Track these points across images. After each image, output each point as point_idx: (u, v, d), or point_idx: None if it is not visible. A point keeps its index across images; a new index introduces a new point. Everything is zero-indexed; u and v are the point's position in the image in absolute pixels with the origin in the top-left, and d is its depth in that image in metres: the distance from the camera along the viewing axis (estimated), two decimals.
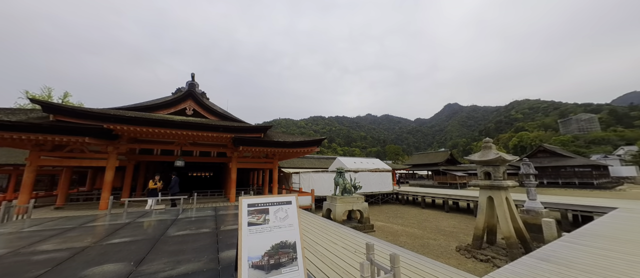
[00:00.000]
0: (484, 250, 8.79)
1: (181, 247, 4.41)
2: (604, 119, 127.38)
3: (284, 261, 3.01)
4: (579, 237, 6.19)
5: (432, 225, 13.46)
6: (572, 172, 38.11)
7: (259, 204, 3.20)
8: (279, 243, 3.08)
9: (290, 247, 3.11)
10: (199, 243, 4.54)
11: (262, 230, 3.05)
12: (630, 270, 4.14)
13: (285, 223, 3.22)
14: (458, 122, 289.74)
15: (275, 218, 3.19)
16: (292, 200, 3.40)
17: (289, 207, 3.34)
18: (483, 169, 9.42)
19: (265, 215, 3.18)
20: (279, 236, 3.11)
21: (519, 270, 4.23)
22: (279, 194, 3.69)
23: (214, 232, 5.37)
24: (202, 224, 6.13)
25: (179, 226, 5.91)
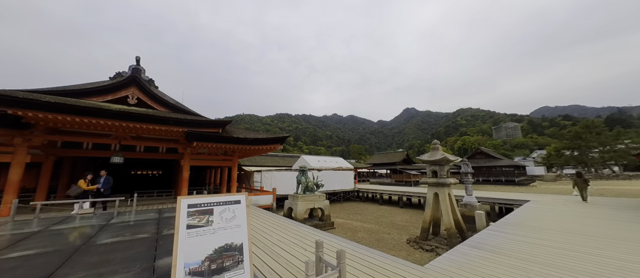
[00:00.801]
0: (429, 241, 9.72)
1: (108, 256, 3.78)
2: (524, 127, 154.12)
3: (229, 265, 2.79)
4: (502, 226, 7.27)
5: (388, 221, 14.39)
6: (500, 171, 45.09)
7: (201, 204, 2.90)
8: (223, 246, 2.84)
9: (237, 249, 2.89)
10: (131, 251, 3.95)
11: (203, 233, 2.77)
12: (539, 251, 5.00)
13: (232, 224, 2.98)
14: (415, 125, 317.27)
15: (220, 219, 2.94)
16: (241, 200, 3.18)
17: (237, 206, 3.11)
18: (431, 168, 10.40)
19: (208, 216, 2.90)
20: (224, 238, 2.87)
21: (454, 257, 4.74)
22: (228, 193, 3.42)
23: (154, 237, 4.76)
24: (141, 229, 5.39)
25: (109, 232, 5.08)
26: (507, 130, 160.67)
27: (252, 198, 12.76)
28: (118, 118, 8.13)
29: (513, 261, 4.51)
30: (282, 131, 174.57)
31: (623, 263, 4.31)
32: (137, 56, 11.61)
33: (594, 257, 4.68)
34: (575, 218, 8.41)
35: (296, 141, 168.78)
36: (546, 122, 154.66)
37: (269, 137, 12.61)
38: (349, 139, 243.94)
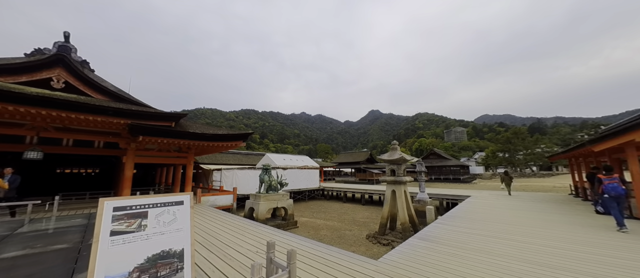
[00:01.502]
0: (386, 236, 10.32)
1: (7, 275, 3.05)
2: (469, 132, 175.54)
3: (165, 274, 2.47)
4: (447, 219, 8.08)
5: (350, 217, 14.87)
6: (449, 170, 50.55)
7: (131, 207, 2.51)
8: (159, 253, 2.50)
9: (176, 256, 2.59)
10: (42, 267, 3.26)
11: (133, 240, 2.40)
12: (474, 239, 5.65)
13: (172, 228, 2.66)
14: (379, 126, 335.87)
15: (156, 223, 2.59)
16: (184, 200, 2.86)
17: (179, 208, 2.79)
18: (390, 167, 11.05)
19: (141, 220, 2.53)
20: (161, 244, 2.54)
21: (404, 249, 5.07)
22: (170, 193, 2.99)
23: (76, 247, 4.02)
24: (59, 238, 4.51)
25: (13, 244, 4.13)
26: (456, 134, 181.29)
27: (209, 198, 11.88)
28: (34, 104, 6.69)
29: (452, 249, 5.02)
30: (247, 128, 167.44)
31: (540, 247, 5.14)
32: (66, 32, 9.75)
33: (517, 242, 5.49)
34: (504, 210, 9.84)
35: (262, 139, 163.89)
36: (486, 128, 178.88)
37: (231, 133, 11.88)
38: (317, 138, 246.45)
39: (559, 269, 4.00)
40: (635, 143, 7.35)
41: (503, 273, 3.88)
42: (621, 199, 6.78)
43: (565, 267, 4.08)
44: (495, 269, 4.03)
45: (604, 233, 6.15)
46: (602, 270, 3.96)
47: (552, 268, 4.02)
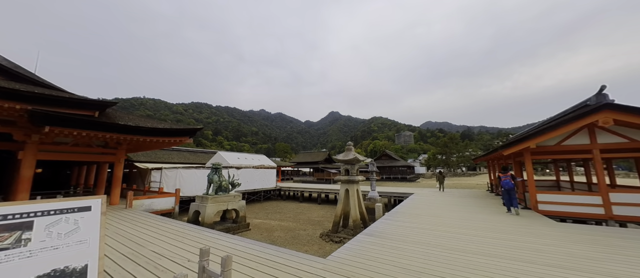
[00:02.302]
0: (339, 233, 10.65)
1: None
2: (416, 136, 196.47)
3: None
4: (392, 215, 8.78)
5: (305, 217, 14.90)
6: (397, 170, 55.55)
7: (7, 216, 1.92)
8: (49, 272, 1.98)
9: (76, 275, 2.09)
10: None
11: (5, 259, 1.84)
12: (413, 232, 6.24)
13: (71, 241, 2.14)
14: (338, 127, 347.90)
15: (46, 236, 2.04)
16: (92, 205, 2.34)
17: (83, 215, 2.26)
18: (344, 167, 11.45)
19: (21, 232, 1.95)
20: (52, 261, 2.01)
21: (352, 246, 5.26)
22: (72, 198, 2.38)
23: None
24: None
25: None
26: (405, 137, 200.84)
27: (144, 202, 10.31)
28: None
29: (395, 243, 5.45)
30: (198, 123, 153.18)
31: (463, 235, 5.97)
32: None
33: (447, 233, 6.27)
34: (439, 205, 11.24)
35: (216, 135, 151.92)
36: (429, 133, 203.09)
37: (175, 127, 10.57)
38: (276, 137, 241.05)
39: (477, 254, 4.71)
40: (530, 150, 9.28)
41: (435, 261, 4.36)
42: (511, 191, 8.85)
43: (481, 252, 4.83)
44: (429, 258, 4.51)
45: (506, 219, 7.56)
46: (503, 251, 4.82)
47: (471, 254, 4.71)
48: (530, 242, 5.44)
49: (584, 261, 4.29)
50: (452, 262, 4.33)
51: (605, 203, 7.97)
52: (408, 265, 4.20)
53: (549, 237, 5.81)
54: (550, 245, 5.16)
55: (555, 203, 8.81)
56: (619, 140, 8.23)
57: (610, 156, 9.31)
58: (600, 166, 8.61)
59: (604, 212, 7.96)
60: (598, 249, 4.90)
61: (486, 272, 3.86)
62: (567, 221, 8.23)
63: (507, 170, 9.27)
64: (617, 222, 7.83)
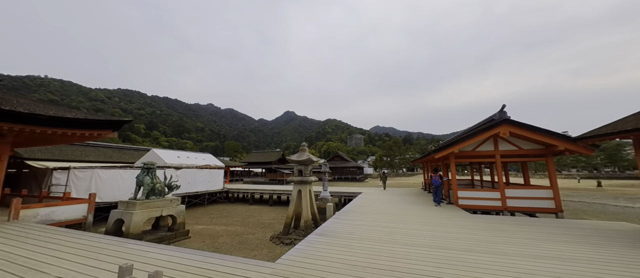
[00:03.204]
0: (290, 235, 10.50)
1: None
2: (366, 139, 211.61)
3: None
4: (342, 214, 9.14)
5: (255, 220, 14.21)
6: (349, 170, 58.63)
7: None
8: None
9: None
10: None
11: None
12: (360, 229, 6.59)
13: None
14: (293, 127, 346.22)
15: None
16: None
17: None
18: (298, 167, 11.38)
19: None
20: None
21: (302, 247, 5.22)
22: None
23: None
24: None
25: None
26: (356, 140, 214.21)
27: (39, 211, 8.04)
28: None
29: (344, 240, 5.65)
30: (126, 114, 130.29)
31: (402, 229, 6.62)
32: None
33: (389, 228, 6.86)
34: (382, 202, 12.28)
35: (150, 130, 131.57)
36: (377, 136, 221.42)
37: (90, 118, 8.56)
38: (226, 134, 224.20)
39: (412, 245, 5.27)
40: (454, 155, 11.04)
41: (378, 255, 4.68)
42: (438, 189, 10.66)
43: (415, 243, 5.42)
44: (374, 253, 4.82)
45: (434, 213, 8.79)
46: (432, 241, 5.56)
47: (408, 246, 5.25)
48: (451, 231, 6.43)
49: (486, 244, 5.30)
50: (392, 254, 4.74)
51: (502, 198, 10.09)
52: (355, 261, 4.40)
53: (464, 226, 7.00)
54: (465, 233, 6.21)
55: (470, 199, 10.70)
56: (512, 148, 10.57)
57: (507, 160, 11.88)
58: (500, 168, 10.89)
59: (501, 205, 10.07)
60: (496, 234, 6.14)
61: (419, 261, 4.36)
62: (477, 213, 10.08)
63: (437, 171, 10.88)
64: (509, 211, 10.02)
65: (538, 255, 4.65)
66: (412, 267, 4.14)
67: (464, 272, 3.88)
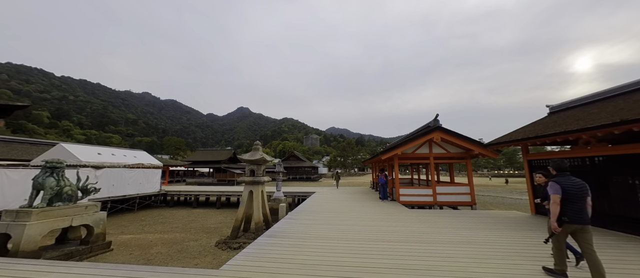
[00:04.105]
0: (239, 239, 9.89)
1: None
2: (321, 139, 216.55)
3: None
4: (294, 214, 9.10)
5: (199, 225, 12.90)
6: (304, 170, 59.00)
7: None
8: None
9: None
10: None
11: None
12: (312, 229, 6.66)
13: None
14: (247, 125, 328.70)
15: None
16: None
17: None
18: (250, 167, 10.83)
19: None
20: None
21: (251, 250, 4.97)
22: None
23: None
24: None
25: None
26: (312, 140, 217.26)
27: None
28: None
29: (296, 240, 5.62)
30: (20, 97, 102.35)
31: (351, 226, 6.97)
32: None
33: (340, 225, 7.13)
34: (334, 201, 12.74)
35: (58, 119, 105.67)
36: (332, 137, 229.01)
37: None
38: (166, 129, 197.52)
39: (359, 240, 5.60)
40: (397, 156, 12.28)
41: (329, 252, 4.80)
42: (384, 187, 12.03)
43: (362, 238, 5.78)
44: (324, 250, 4.92)
45: (380, 209, 9.60)
46: (376, 235, 6.04)
47: (355, 241, 5.55)
48: (392, 225, 7.12)
49: (419, 235, 6.06)
50: (342, 250, 4.95)
51: (433, 194, 11.72)
52: (306, 260, 4.42)
53: (403, 220, 7.85)
54: (404, 226, 6.96)
55: (409, 195, 12.07)
56: (443, 151, 12.38)
57: (438, 162, 13.85)
58: (433, 168, 12.63)
59: (432, 200, 11.69)
60: (427, 226, 7.08)
61: (364, 254, 4.67)
62: (415, 208, 11.45)
63: (383, 170, 11.92)
64: (439, 206, 11.71)
65: (457, 241, 5.55)
66: (357, 260, 4.40)
67: (400, 261, 4.33)
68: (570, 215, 3.39)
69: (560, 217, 3.43)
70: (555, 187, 3.49)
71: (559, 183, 3.48)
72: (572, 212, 3.38)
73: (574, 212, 3.37)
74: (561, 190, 3.44)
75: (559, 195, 3.43)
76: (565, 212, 3.42)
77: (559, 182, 3.50)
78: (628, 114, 5.30)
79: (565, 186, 3.44)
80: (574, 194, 3.40)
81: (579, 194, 3.40)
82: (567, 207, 3.42)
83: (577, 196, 3.39)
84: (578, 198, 3.39)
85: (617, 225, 6.23)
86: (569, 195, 3.41)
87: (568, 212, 3.40)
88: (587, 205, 3.42)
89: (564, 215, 3.42)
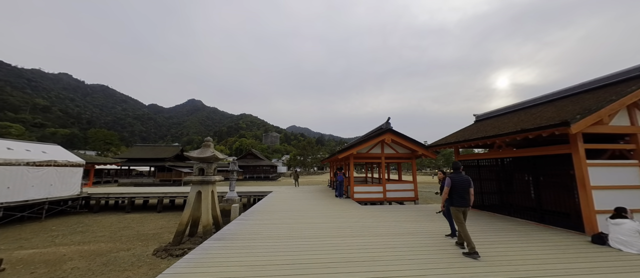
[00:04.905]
0: (183, 245, 8.93)
1: None
2: (282, 138, 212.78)
3: None
4: (248, 214, 8.69)
5: (133, 232, 11.21)
6: (262, 169, 57.03)
7: None
8: None
9: None
10: None
11: None
12: (265, 229, 6.43)
13: None
14: (199, 119, 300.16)
15: None
16: None
17: None
18: (199, 165, 9.89)
19: None
20: None
21: (194, 256, 4.54)
22: None
23: None
24: None
25: None
26: (272, 138, 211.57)
27: None
28: None
29: (246, 242, 5.35)
30: None
31: (307, 225, 6.98)
32: None
33: (295, 223, 7.07)
34: (292, 199, 12.64)
35: None
36: (293, 136, 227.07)
37: None
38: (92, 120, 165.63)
39: (312, 238, 5.66)
40: (353, 155, 12.89)
41: (280, 251, 4.71)
42: (341, 184, 12.61)
43: (316, 235, 5.86)
44: (276, 250, 4.81)
45: (335, 206, 9.93)
46: (329, 231, 6.22)
47: (309, 238, 5.59)
48: (345, 221, 7.43)
49: (368, 229, 6.48)
50: (294, 248, 4.92)
51: (383, 191, 12.70)
52: (255, 261, 4.24)
53: (355, 216, 8.28)
54: (355, 222, 7.34)
55: (362, 193, 12.80)
56: (392, 152, 13.51)
57: (389, 161, 15.07)
58: (384, 167, 13.69)
59: (382, 196, 12.66)
60: (376, 220, 7.62)
61: (316, 250, 4.74)
62: (367, 204, 12.20)
63: (341, 169, 12.36)
64: (388, 201, 12.75)
65: (399, 232, 6.11)
66: (309, 257, 4.43)
67: (348, 254, 4.54)
68: (456, 201, 4.56)
69: (450, 201, 4.71)
70: (448, 181, 4.69)
71: (451, 178, 4.65)
72: (458, 198, 4.55)
73: (458, 199, 4.55)
74: (451, 183, 4.62)
75: (449, 187, 4.65)
76: (453, 199, 4.61)
77: (451, 178, 4.65)
78: (526, 124, 6.67)
79: (454, 180, 4.60)
80: (460, 186, 4.55)
81: (463, 186, 4.54)
82: (454, 195, 4.59)
83: (462, 188, 4.54)
84: (462, 189, 4.53)
85: (517, 213, 7.80)
86: (456, 186, 4.57)
87: (455, 198, 4.57)
88: (469, 194, 4.51)
89: (452, 201, 4.64)
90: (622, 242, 4.60)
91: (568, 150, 6.02)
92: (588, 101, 6.36)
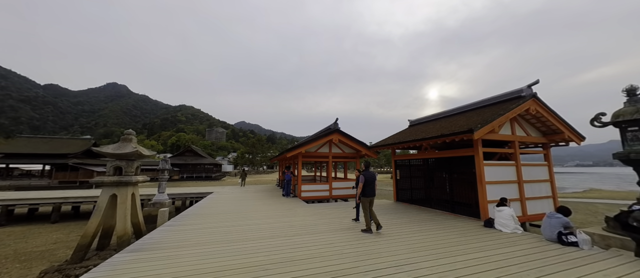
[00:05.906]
0: (87, 261, 7.21)
1: None
2: (229, 134, 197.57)
3: None
4: (178, 219, 7.64)
5: (9, 251, 8.47)
6: (203, 168, 51.68)
7: None
8: None
9: None
10: None
11: None
12: (197, 235, 5.73)
13: None
14: (121, 107, 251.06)
15: None
16: None
17: None
18: (115, 164, 8.16)
19: None
20: None
21: (97, 274, 3.66)
22: None
23: None
24: None
25: None
26: (217, 133, 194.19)
27: None
28: None
29: (170, 251, 4.64)
30: None
31: (246, 226, 6.54)
32: None
33: (231, 226, 6.54)
34: (235, 200, 11.77)
35: None
36: (242, 133, 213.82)
37: None
38: None
39: (251, 240, 5.32)
40: (301, 154, 12.90)
41: (209, 258, 4.24)
42: (289, 183, 12.66)
43: (254, 237, 5.54)
44: (208, 257, 4.31)
45: (281, 205, 9.72)
46: (271, 232, 6.00)
47: (246, 241, 5.24)
48: (289, 220, 7.33)
49: (310, 227, 6.55)
50: (229, 253, 4.52)
51: (330, 189, 13.16)
52: (179, 272, 3.71)
53: (300, 214, 8.28)
54: (299, 220, 7.32)
55: (309, 191, 12.95)
56: (339, 151, 14.12)
57: (336, 160, 15.70)
58: (330, 166, 14.18)
59: (329, 194, 13.09)
60: (319, 218, 7.78)
61: (253, 253, 4.47)
62: (314, 202, 12.40)
63: (289, 168, 12.19)
64: (334, 199, 13.25)
65: (340, 229, 6.38)
66: (244, 261, 4.14)
67: (289, 254, 4.46)
68: (367, 192, 6.07)
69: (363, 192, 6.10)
70: (361, 177, 6.12)
71: (363, 175, 6.12)
72: (368, 189, 6.07)
73: (369, 190, 6.07)
74: (363, 178, 6.07)
75: (362, 183, 6.06)
76: (365, 190, 6.07)
77: (364, 174, 6.13)
78: (445, 130, 7.93)
79: (366, 176, 6.10)
80: (369, 180, 6.09)
81: (371, 180, 6.11)
82: (366, 187, 6.06)
83: (370, 181, 6.09)
84: (371, 182, 6.10)
85: (437, 205, 9.20)
86: (367, 180, 6.07)
87: (366, 190, 6.07)
88: (374, 186, 6.11)
89: (364, 192, 6.08)
90: (502, 224, 5.94)
91: (472, 152, 7.42)
92: (487, 114, 7.98)
